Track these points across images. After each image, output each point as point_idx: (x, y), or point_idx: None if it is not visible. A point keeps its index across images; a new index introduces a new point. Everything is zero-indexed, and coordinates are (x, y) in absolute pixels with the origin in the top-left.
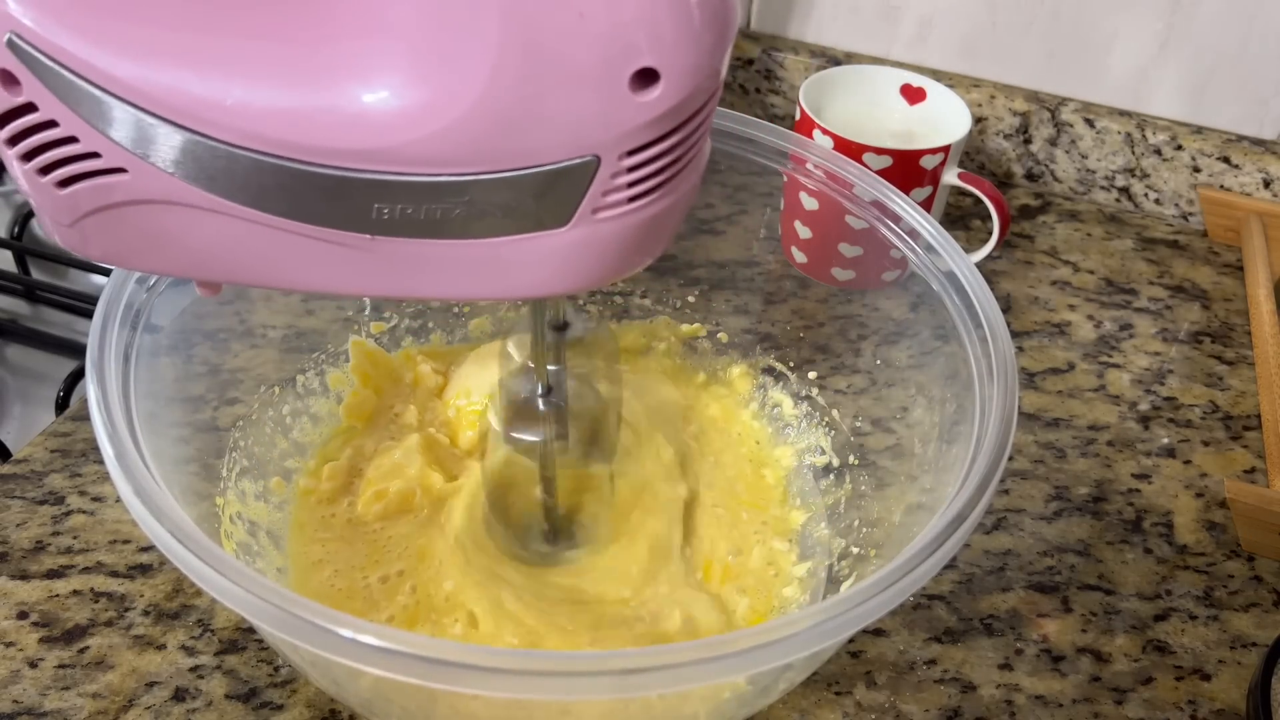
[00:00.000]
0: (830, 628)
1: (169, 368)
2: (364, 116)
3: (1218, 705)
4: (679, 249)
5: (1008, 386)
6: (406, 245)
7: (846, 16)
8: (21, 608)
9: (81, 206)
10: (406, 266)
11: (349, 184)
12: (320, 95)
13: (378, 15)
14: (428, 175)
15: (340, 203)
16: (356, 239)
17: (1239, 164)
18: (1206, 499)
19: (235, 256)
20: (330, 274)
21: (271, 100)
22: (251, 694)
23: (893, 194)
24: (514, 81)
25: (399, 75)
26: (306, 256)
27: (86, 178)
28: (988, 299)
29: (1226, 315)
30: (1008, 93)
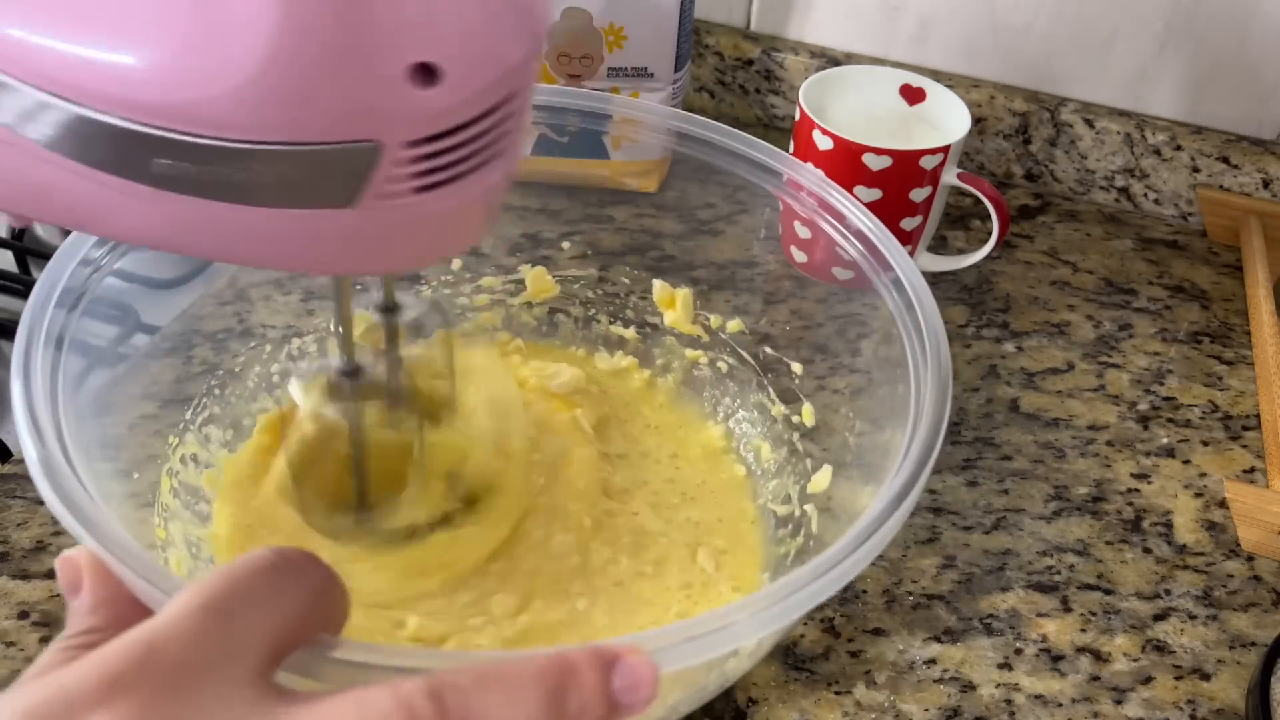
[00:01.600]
0: (769, 616)
1: (168, 369)
2: (142, 71)
3: (1217, 705)
4: (678, 249)
5: (941, 370)
6: (189, 204)
7: (846, 16)
8: (22, 608)
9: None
10: (191, 224)
11: (128, 135)
12: (100, 42)
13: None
14: (203, 138)
15: (121, 152)
16: (137, 190)
17: (1238, 164)
18: (1206, 499)
19: (32, 191)
20: (121, 222)
21: (53, 39)
22: None
23: (839, 194)
24: (291, 60)
25: (179, 34)
26: (99, 201)
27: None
28: (926, 296)
29: (1226, 315)
30: (1007, 93)
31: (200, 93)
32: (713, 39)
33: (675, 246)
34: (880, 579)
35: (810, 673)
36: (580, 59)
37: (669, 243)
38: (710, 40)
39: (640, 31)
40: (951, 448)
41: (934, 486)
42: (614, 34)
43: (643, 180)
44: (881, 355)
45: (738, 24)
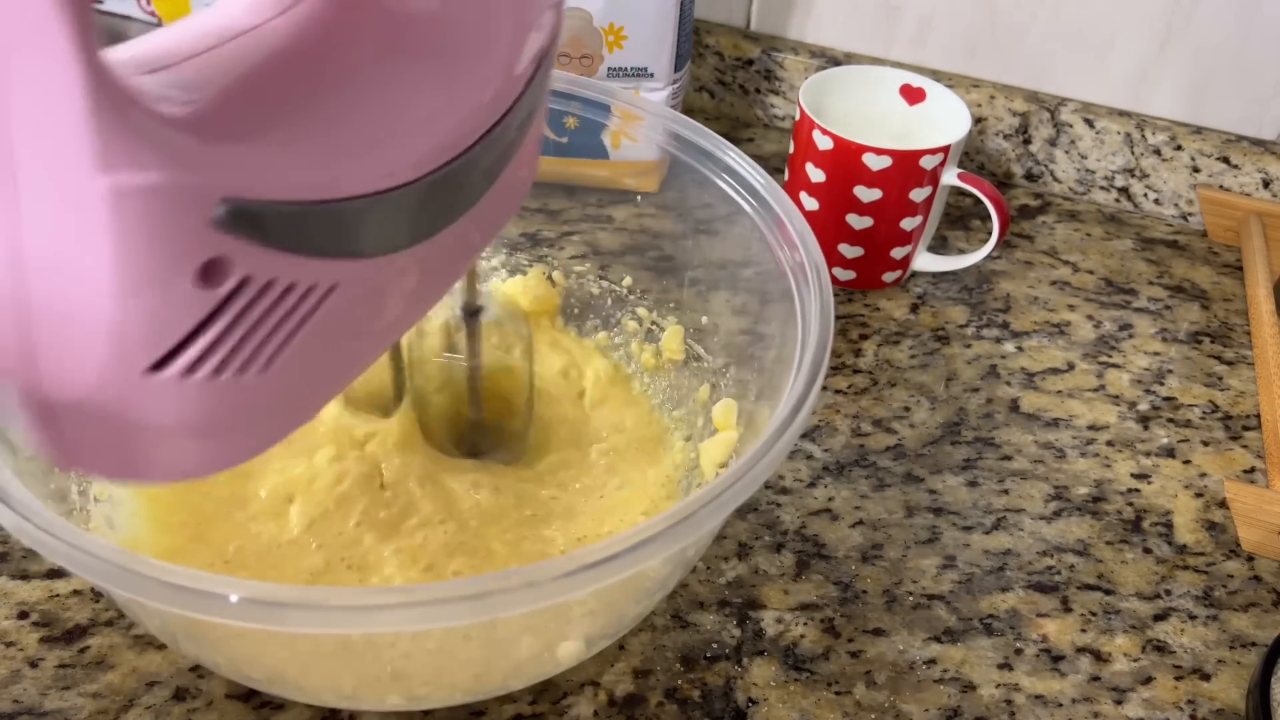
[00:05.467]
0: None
1: None
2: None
3: (1217, 705)
4: (678, 249)
5: (821, 287)
6: (442, 239)
7: (846, 16)
8: (22, 607)
9: (260, 394)
10: (439, 261)
11: (434, 184)
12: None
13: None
14: (458, 157)
15: (436, 201)
16: (425, 251)
17: (1239, 164)
18: (1206, 499)
19: (377, 326)
20: (434, 287)
21: (388, 137)
22: (251, 694)
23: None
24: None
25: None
26: (420, 284)
27: (298, 329)
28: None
29: (1226, 315)
30: (1007, 93)
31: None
32: (713, 39)
33: (675, 246)
34: (880, 579)
35: (810, 673)
36: (580, 59)
37: (668, 243)
38: (710, 40)
39: (640, 31)
40: (951, 448)
41: (934, 487)
42: (614, 34)
43: (642, 180)
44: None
45: (738, 24)
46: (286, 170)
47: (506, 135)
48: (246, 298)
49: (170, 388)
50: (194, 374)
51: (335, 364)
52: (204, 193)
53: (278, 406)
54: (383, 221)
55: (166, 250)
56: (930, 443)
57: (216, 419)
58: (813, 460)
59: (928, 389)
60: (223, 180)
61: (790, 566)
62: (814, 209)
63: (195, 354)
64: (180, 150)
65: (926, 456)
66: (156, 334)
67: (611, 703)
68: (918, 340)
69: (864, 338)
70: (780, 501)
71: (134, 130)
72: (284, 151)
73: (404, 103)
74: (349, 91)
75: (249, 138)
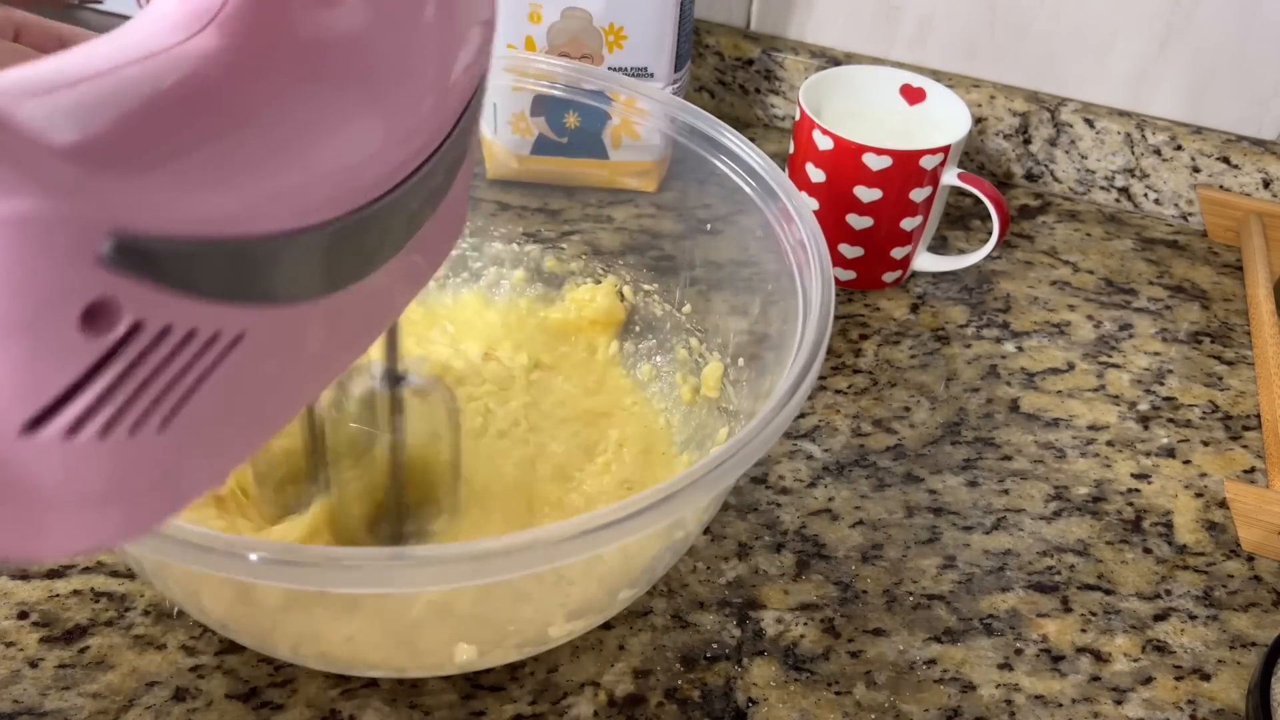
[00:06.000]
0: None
1: None
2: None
3: (1217, 705)
4: (678, 249)
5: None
6: (356, 290)
7: (846, 16)
8: (22, 608)
9: (156, 455)
10: (354, 316)
11: (355, 226)
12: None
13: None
14: (382, 197)
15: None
16: (332, 302)
17: (1239, 164)
18: (1206, 499)
19: (290, 380)
20: (354, 341)
21: (303, 172)
22: (251, 694)
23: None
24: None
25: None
26: (339, 334)
27: (200, 382)
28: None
29: (1226, 315)
30: (1007, 93)
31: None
32: (713, 39)
33: (675, 246)
34: (880, 579)
35: (810, 673)
36: (580, 59)
37: (668, 243)
38: (710, 40)
39: (640, 31)
40: (951, 448)
41: (934, 487)
42: (614, 34)
43: (642, 180)
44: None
45: (738, 24)
46: (186, 204)
47: (434, 178)
48: (139, 346)
49: (50, 449)
50: (78, 433)
51: (244, 423)
52: (88, 225)
53: (178, 471)
54: (295, 264)
55: (43, 290)
56: (930, 443)
57: (106, 486)
58: (813, 460)
59: (928, 389)
60: (112, 213)
61: (790, 566)
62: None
63: (79, 410)
64: (61, 178)
65: (926, 456)
66: (32, 387)
67: (611, 703)
68: (918, 340)
69: (864, 338)
70: (780, 501)
71: (8, 155)
72: (182, 184)
73: (319, 137)
74: (258, 122)
75: (144, 169)
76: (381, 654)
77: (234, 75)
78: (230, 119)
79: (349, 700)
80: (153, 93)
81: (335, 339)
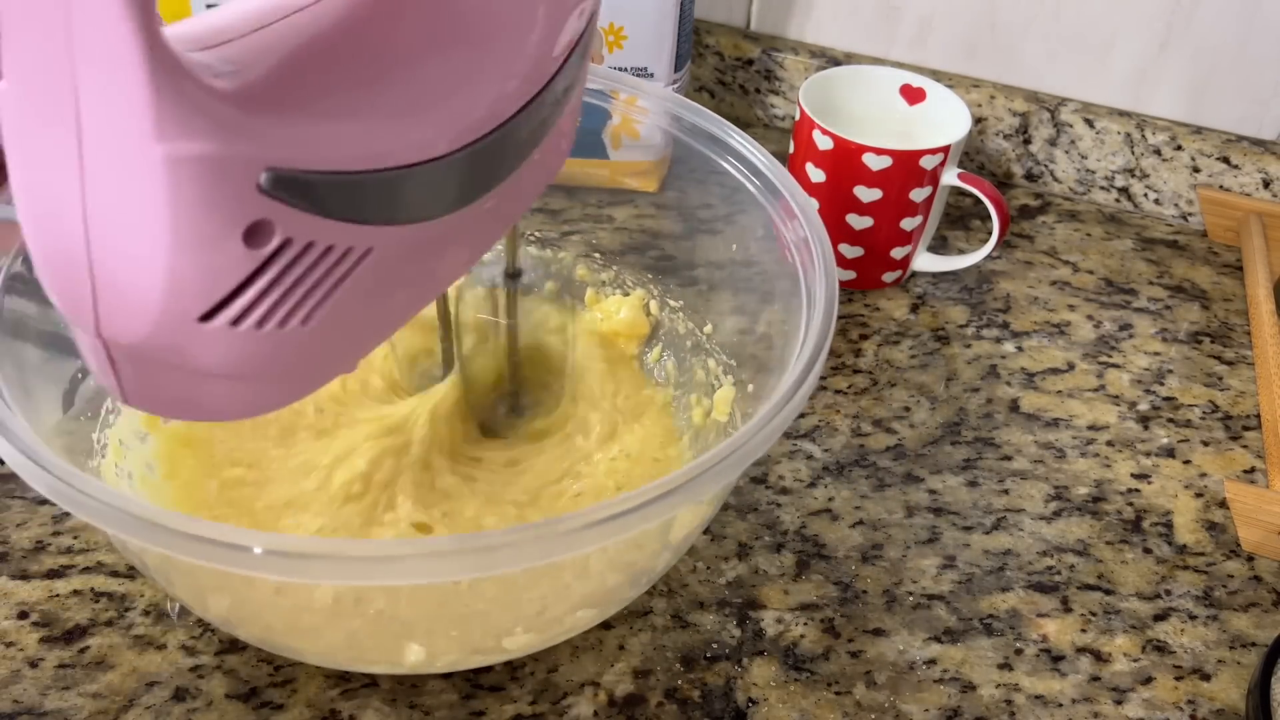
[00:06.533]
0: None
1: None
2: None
3: (1217, 705)
4: (678, 249)
5: (825, 260)
6: (497, 194)
7: (846, 16)
8: (22, 608)
9: (300, 344)
10: (498, 210)
11: (482, 152)
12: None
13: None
14: (503, 124)
15: (484, 169)
16: (481, 205)
17: (1239, 164)
18: (1206, 499)
19: (413, 287)
20: (470, 251)
21: (425, 112)
22: (251, 694)
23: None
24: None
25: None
26: (460, 246)
27: (336, 287)
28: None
29: (1226, 315)
30: (1007, 93)
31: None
32: (713, 39)
33: (675, 246)
34: (880, 579)
35: (810, 673)
36: None
37: (669, 243)
38: (710, 40)
39: (640, 31)
40: (951, 448)
41: (934, 487)
42: (614, 34)
43: (642, 180)
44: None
45: (738, 24)
46: (327, 142)
47: (542, 111)
48: (288, 258)
49: (219, 336)
50: (240, 324)
51: (372, 321)
52: (250, 161)
53: (317, 357)
54: (419, 191)
55: (216, 213)
56: (930, 443)
57: (261, 366)
58: (813, 460)
59: (928, 389)
60: (267, 150)
61: (790, 566)
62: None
63: (241, 306)
64: (229, 122)
65: (926, 456)
66: (207, 287)
67: (611, 703)
68: (918, 340)
69: (864, 338)
70: (780, 501)
71: (188, 102)
72: (325, 124)
73: (442, 79)
74: (389, 69)
75: (293, 111)
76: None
77: (368, 27)
78: (364, 66)
79: (349, 700)
80: (300, 44)
81: (456, 248)
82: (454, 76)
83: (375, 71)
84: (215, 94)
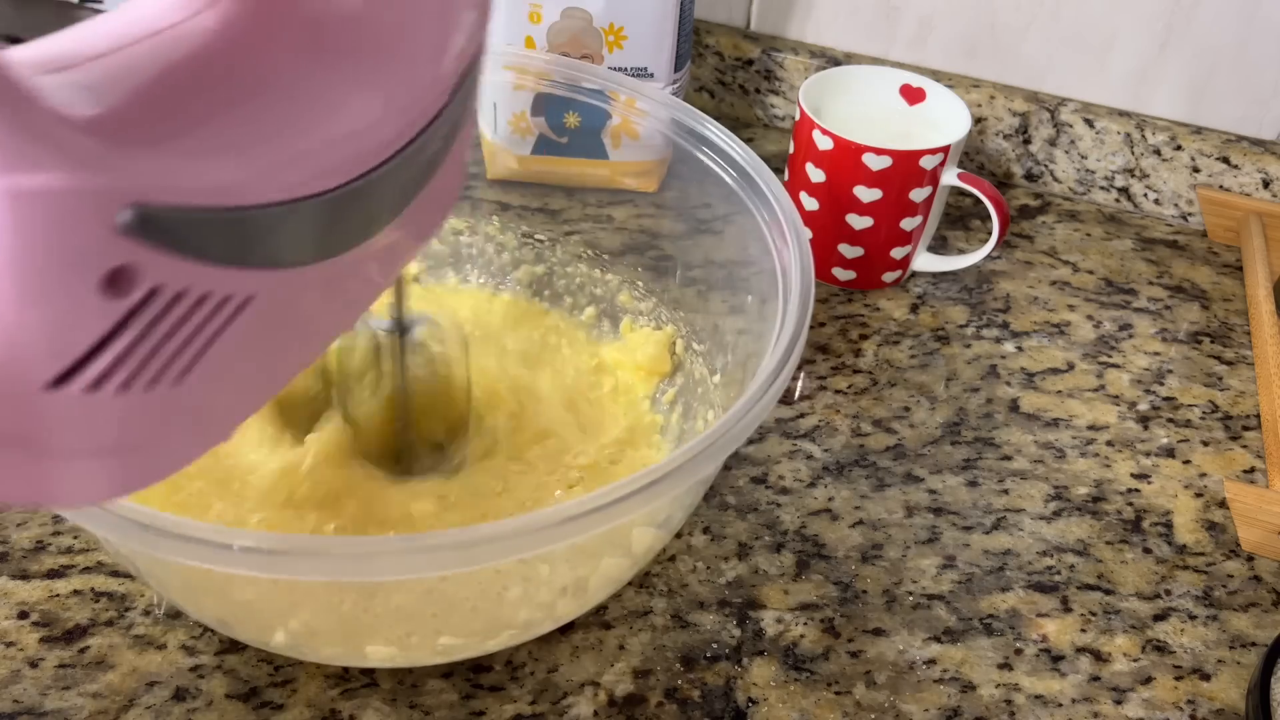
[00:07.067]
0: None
1: None
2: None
3: (1217, 705)
4: (678, 249)
5: (801, 247)
6: (347, 258)
7: (846, 16)
8: (22, 607)
9: (172, 407)
10: (347, 282)
11: (350, 195)
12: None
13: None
14: (365, 174)
15: (342, 218)
16: (333, 266)
17: (1238, 164)
18: (1206, 499)
19: (298, 338)
20: (358, 299)
21: (303, 144)
22: (251, 694)
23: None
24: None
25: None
26: (331, 302)
27: (214, 340)
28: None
29: (1226, 315)
30: (1007, 93)
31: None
32: (713, 39)
33: (674, 246)
34: (880, 579)
35: (810, 673)
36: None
37: (668, 243)
38: (710, 40)
39: (640, 31)
40: (951, 448)
41: (934, 487)
42: (614, 34)
43: (642, 180)
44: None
45: (738, 24)
46: (197, 175)
47: (430, 146)
48: (156, 308)
49: (75, 403)
50: (101, 388)
51: (254, 377)
52: (108, 197)
53: (193, 422)
54: (300, 230)
55: (69, 257)
56: (930, 443)
57: (126, 436)
58: (813, 460)
59: (928, 389)
60: (129, 184)
61: (790, 566)
62: (814, 209)
63: (102, 367)
64: (83, 152)
65: (926, 456)
66: (59, 346)
67: (611, 703)
68: (918, 340)
69: (864, 338)
70: (780, 501)
71: (31, 131)
72: (195, 156)
73: (321, 109)
74: (264, 96)
75: (158, 141)
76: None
77: (239, 50)
78: (237, 92)
79: (349, 700)
80: (164, 67)
81: (340, 298)
82: (332, 106)
83: (246, 97)
84: (66, 122)
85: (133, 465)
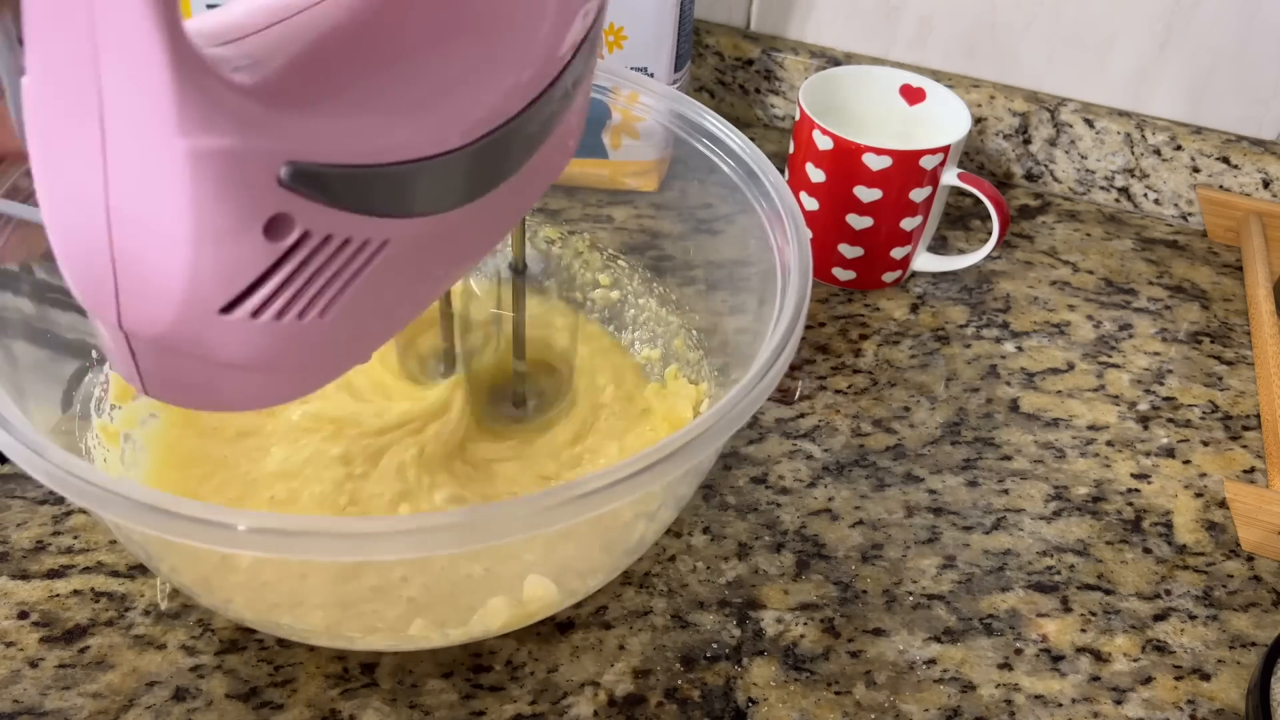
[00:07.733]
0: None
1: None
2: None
3: (1217, 705)
4: (677, 249)
5: (799, 237)
6: (503, 189)
7: (846, 16)
8: (22, 607)
9: (317, 335)
10: (501, 204)
11: (494, 145)
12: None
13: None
14: (515, 116)
15: (492, 164)
16: (486, 201)
17: (1238, 164)
18: (1206, 499)
19: (426, 278)
20: (481, 244)
21: (438, 106)
22: (251, 694)
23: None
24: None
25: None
26: (472, 238)
27: (353, 280)
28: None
29: (1226, 315)
30: (1007, 93)
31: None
32: (713, 39)
33: (675, 246)
34: (880, 579)
35: (810, 673)
36: None
37: (668, 243)
38: (710, 40)
39: (640, 31)
40: (951, 448)
41: (934, 487)
42: (614, 34)
43: (642, 180)
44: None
45: (738, 24)
46: (345, 136)
47: (550, 105)
48: (307, 250)
49: (239, 327)
50: (260, 316)
51: (387, 312)
52: (270, 155)
53: (333, 348)
54: (432, 184)
55: (237, 206)
56: (930, 443)
57: (279, 357)
58: (813, 460)
59: (928, 389)
60: (287, 144)
61: (790, 566)
62: (814, 209)
63: (261, 299)
64: (250, 116)
65: (926, 456)
66: (227, 280)
67: (611, 703)
68: (918, 340)
69: (864, 338)
70: (780, 501)
71: (210, 97)
72: (343, 118)
73: (453, 72)
74: (403, 63)
75: (311, 105)
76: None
77: (382, 23)
78: (380, 61)
79: (349, 700)
80: (316, 39)
81: (468, 241)
82: (465, 69)
83: (389, 65)
84: (236, 89)
85: (284, 380)
